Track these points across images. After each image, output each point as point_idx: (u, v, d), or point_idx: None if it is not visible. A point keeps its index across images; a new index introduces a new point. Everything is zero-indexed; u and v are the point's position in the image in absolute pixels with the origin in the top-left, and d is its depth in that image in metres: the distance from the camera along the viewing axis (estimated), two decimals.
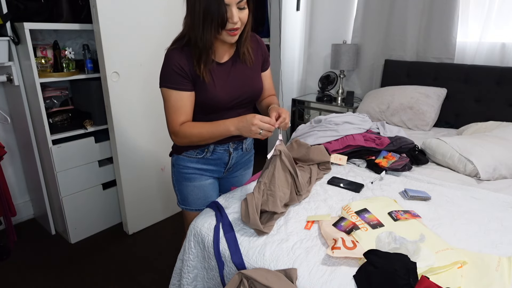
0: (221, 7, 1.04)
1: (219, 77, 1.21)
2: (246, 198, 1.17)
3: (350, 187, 1.50)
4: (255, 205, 1.13)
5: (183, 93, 1.17)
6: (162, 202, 2.49)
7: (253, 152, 1.52)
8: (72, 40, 2.33)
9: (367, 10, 2.89)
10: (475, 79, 2.40)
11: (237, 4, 1.07)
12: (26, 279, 1.94)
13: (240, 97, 1.25)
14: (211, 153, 1.31)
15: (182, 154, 1.33)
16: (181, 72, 1.14)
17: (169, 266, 1.99)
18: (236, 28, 1.10)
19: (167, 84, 1.17)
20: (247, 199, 1.16)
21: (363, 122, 2.10)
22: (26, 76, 2.00)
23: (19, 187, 2.46)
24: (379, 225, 1.16)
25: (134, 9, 2.00)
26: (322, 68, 3.37)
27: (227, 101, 1.22)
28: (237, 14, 1.08)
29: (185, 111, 1.18)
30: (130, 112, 2.15)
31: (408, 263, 0.95)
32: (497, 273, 0.97)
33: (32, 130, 2.13)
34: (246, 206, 1.15)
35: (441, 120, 2.50)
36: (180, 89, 1.16)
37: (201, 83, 1.18)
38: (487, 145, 1.75)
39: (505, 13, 2.31)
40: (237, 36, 1.14)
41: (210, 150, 1.31)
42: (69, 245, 2.24)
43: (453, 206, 1.36)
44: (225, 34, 1.11)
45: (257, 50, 1.31)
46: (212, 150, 1.31)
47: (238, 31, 1.12)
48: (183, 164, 1.33)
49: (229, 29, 1.09)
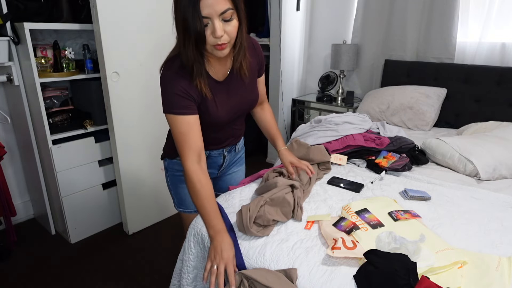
0: (197, 22, 0.91)
1: (219, 97, 1.14)
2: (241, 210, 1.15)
3: (350, 187, 1.50)
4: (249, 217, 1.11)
5: (189, 117, 1.07)
6: (162, 202, 2.49)
7: (244, 149, 1.52)
8: (72, 40, 2.33)
9: (367, 10, 2.89)
10: (475, 79, 2.40)
11: (220, 16, 0.93)
12: (26, 279, 1.94)
13: (238, 112, 1.23)
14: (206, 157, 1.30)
15: (176, 159, 1.31)
16: (185, 95, 1.06)
17: (169, 266, 1.99)
18: (222, 43, 0.98)
19: (170, 110, 1.07)
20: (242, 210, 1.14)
21: (363, 122, 2.10)
22: (26, 76, 2.00)
23: (19, 187, 2.46)
24: (379, 225, 1.16)
25: (134, 9, 2.00)
26: (322, 68, 3.37)
27: (227, 119, 1.20)
28: (221, 27, 0.94)
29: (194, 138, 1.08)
30: (130, 112, 2.15)
31: (408, 263, 0.95)
32: (497, 273, 0.97)
33: (32, 130, 2.13)
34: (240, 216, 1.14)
35: (441, 120, 2.50)
36: (185, 114, 1.07)
37: (203, 102, 1.11)
38: (487, 145, 1.75)
39: (505, 13, 2.31)
40: (226, 49, 1.01)
41: (206, 155, 1.28)
42: (69, 245, 2.24)
43: (453, 206, 1.36)
44: (213, 49, 1.00)
45: (253, 57, 1.21)
46: (208, 155, 1.30)
47: (226, 45, 1.00)
48: (177, 168, 1.32)
49: (215, 45, 0.98)
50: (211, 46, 0.99)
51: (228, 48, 1.02)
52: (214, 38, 0.96)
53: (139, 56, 2.10)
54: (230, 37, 0.99)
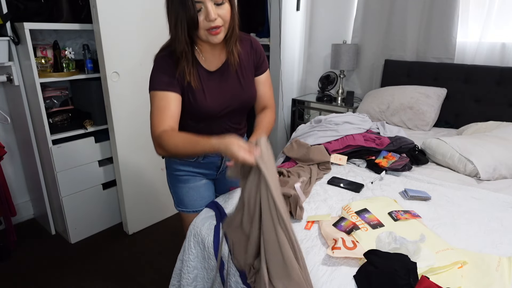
0: (190, 7, 0.95)
1: (209, 86, 1.15)
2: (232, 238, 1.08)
3: (350, 187, 1.50)
4: None
5: (169, 93, 1.09)
6: (162, 202, 2.49)
7: None
8: (72, 40, 2.33)
9: (367, 10, 2.89)
10: (475, 79, 2.40)
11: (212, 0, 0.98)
12: (26, 279, 1.94)
13: (230, 106, 1.20)
14: (203, 157, 1.30)
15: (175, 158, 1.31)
16: (167, 73, 1.09)
17: (169, 266, 1.99)
18: (216, 26, 1.01)
19: (153, 87, 1.10)
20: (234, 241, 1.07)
21: (363, 122, 2.10)
22: (26, 76, 2.00)
23: (19, 187, 2.46)
24: (379, 225, 1.16)
25: (134, 9, 2.00)
26: (322, 68, 3.37)
27: (217, 110, 1.18)
28: (214, 10, 0.98)
29: (169, 114, 1.08)
30: (130, 112, 2.15)
31: (408, 263, 0.95)
32: (497, 273, 0.97)
33: (32, 130, 2.13)
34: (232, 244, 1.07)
35: (441, 120, 2.50)
36: (165, 90, 1.09)
37: (190, 90, 1.12)
38: (487, 145, 1.75)
39: (505, 13, 2.31)
40: (221, 34, 1.04)
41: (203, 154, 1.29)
42: (69, 245, 2.24)
43: (453, 206, 1.36)
44: (207, 34, 1.02)
45: (250, 54, 1.22)
46: (204, 154, 1.29)
47: (220, 29, 1.03)
48: (176, 167, 1.32)
49: (209, 29, 1.01)
50: (205, 31, 1.02)
51: (222, 33, 1.05)
52: (208, 21, 0.99)
53: (139, 56, 2.10)
54: (224, 20, 1.02)
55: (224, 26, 1.04)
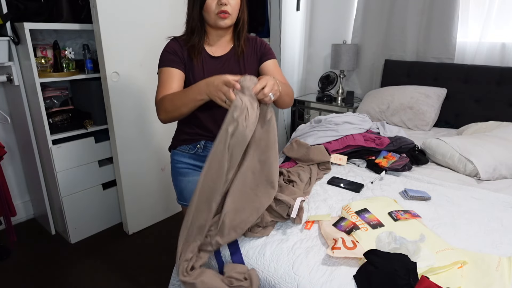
0: None
1: (209, 69, 1.23)
2: None
3: (350, 187, 1.50)
4: None
5: (173, 69, 1.20)
6: (162, 202, 2.49)
7: None
8: (72, 40, 2.33)
9: (367, 10, 2.89)
10: (475, 79, 2.40)
11: None
12: (26, 279, 1.94)
13: None
14: (202, 149, 1.33)
15: (177, 149, 1.36)
16: (173, 52, 1.20)
17: (169, 266, 1.99)
18: (225, 10, 1.14)
19: (161, 64, 1.22)
20: None
21: (363, 122, 2.10)
22: (26, 76, 2.00)
23: (19, 187, 2.46)
24: (379, 225, 1.16)
25: (134, 9, 2.00)
26: (322, 68, 3.37)
27: None
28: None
29: (172, 86, 1.18)
30: (130, 112, 2.15)
31: (408, 263, 0.95)
32: (497, 273, 0.97)
33: (32, 130, 2.13)
34: None
35: (441, 120, 2.50)
36: (170, 66, 1.19)
37: (192, 71, 1.22)
38: (487, 145, 1.75)
39: (505, 13, 2.31)
40: (228, 20, 1.17)
41: (201, 145, 1.32)
42: (69, 245, 2.24)
43: (453, 206, 1.36)
44: (216, 18, 1.15)
45: (253, 48, 1.31)
46: (203, 146, 1.32)
47: (228, 16, 1.15)
48: (177, 159, 1.36)
49: (219, 12, 1.14)
50: (215, 15, 1.15)
51: (229, 20, 1.17)
52: (219, 5, 1.13)
53: (139, 56, 2.10)
54: (232, 8, 1.16)
55: (231, 16, 1.17)
